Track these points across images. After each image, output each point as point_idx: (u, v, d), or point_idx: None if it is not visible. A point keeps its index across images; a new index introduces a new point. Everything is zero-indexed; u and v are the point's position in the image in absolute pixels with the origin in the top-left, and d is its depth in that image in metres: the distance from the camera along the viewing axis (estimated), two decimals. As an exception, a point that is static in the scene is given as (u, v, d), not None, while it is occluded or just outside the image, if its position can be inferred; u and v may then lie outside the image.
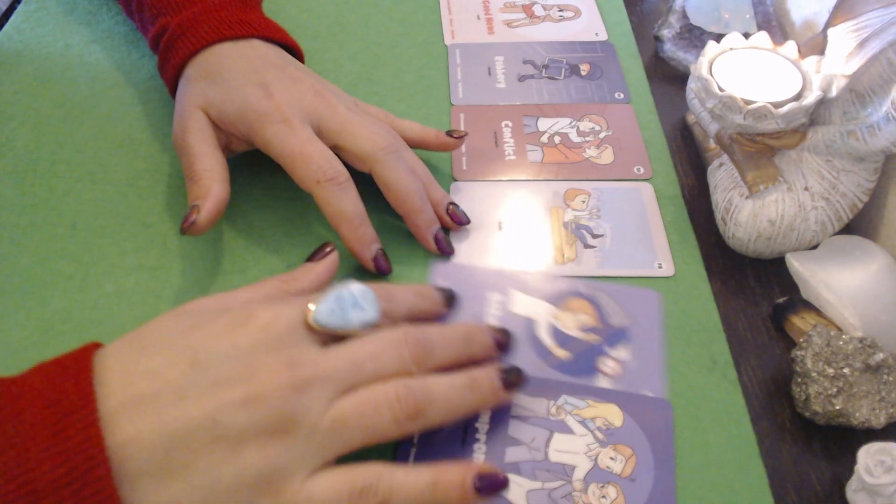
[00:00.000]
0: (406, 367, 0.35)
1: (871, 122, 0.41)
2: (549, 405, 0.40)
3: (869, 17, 0.43)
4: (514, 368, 0.38)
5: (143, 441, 0.29)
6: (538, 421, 0.39)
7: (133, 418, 0.30)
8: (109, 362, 0.32)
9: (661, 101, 0.58)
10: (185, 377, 0.31)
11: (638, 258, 0.47)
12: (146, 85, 0.57)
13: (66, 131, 0.53)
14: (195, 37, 0.47)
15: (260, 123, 0.45)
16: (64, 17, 0.62)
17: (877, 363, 0.39)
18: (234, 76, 0.46)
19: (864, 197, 0.45)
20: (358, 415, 0.33)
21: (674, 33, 0.60)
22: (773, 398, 0.42)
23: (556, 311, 0.44)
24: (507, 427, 0.39)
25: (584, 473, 0.37)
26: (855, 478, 0.37)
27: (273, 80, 0.46)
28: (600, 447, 0.38)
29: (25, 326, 0.42)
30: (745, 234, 0.46)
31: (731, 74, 0.45)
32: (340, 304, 0.35)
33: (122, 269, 0.45)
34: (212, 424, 0.30)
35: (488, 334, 0.40)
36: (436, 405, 0.34)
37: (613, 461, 0.38)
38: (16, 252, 0.46)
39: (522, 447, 0.38)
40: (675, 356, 0.43)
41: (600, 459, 0.38)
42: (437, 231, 0.46)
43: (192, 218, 0.42)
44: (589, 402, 0.40)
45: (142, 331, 0.34)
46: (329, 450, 0.33)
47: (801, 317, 0.44)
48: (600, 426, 0.39)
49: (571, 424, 0.39)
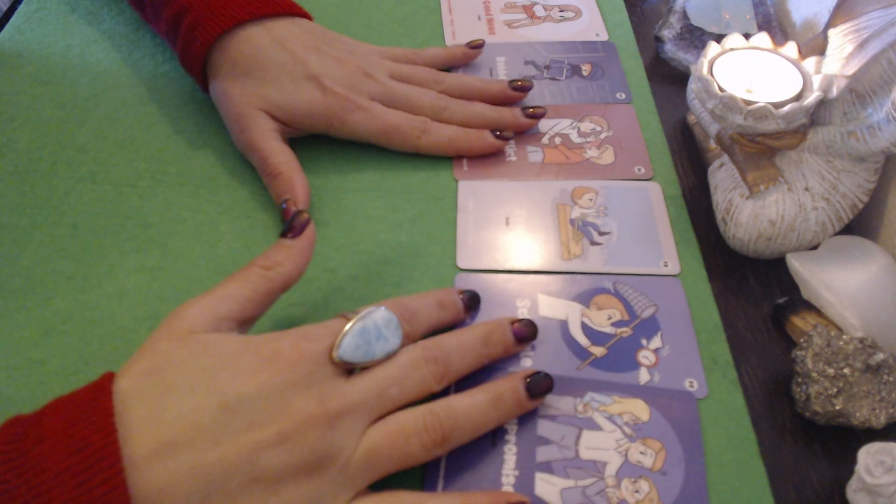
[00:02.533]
0: (428, 386, 0.36)
1: (871, 123, 0.41)
2: (576, 403, 0.40)
3: (869, 18, 0.43)
4: (540, 375, 0.38)
5: (181, 488, 0.29)
6: (566, 419, 0.39)
7: (168, 465, 0.29)
8: (132, 404, 0.31)
9: (662, 101, 0.58)
10: (217, 421, 0.31)
11: (644, 256, 0.47)
12: (148, 85, 0.57)
13: (67, 132, 0.53)
14: (224, 16, 0.48)
15: (337, 119, 0.49)
16: (65, 17, 0.62)
17: (877, 363, 0.39)
18: (279, 71, 0.48)
19: (865, 197, 0.45)
20: (389, 446, 0.34)
21: (674, 34, 0.60)
22: (773, 398, 0.42)
23: (585, 310, 0.44)
24: (536, 427, 0.39)
25: (615, 469, 0.37)
26: (855, 478, 0.37)
27: (320, 69, 0.49)
28: (629, 442, 0.38)
29: (26, 327, 0.43)
30: (745, 235, 0.46)
31: (732, 75, 0.45)
32: (365, 337, 0.35)
33: (123, 269, 0.45)
34: (249, 467, 0.30)
35: (507, 331, 0.40)
36: (461, 428, 0.35)
37: (644, 455, 0.38)
38: (16, 252, 0.46)
39: (553, 446, 0.38)
40: (676, 356, 0.43)
41: (630, 454, 0.38)
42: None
43: (297, 219, 0.40)
44: (615, 398, 0.40)
45: (159, 364, 0.32)
46: (363, 479, 0.33)
47: (801, 317, 0.44)
48: (627, 421, 0.39)
49: (599, 421, 0.39)
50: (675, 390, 0.41)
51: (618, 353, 0.42)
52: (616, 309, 0.44)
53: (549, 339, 0.43)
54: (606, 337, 0.43)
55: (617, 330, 0.43)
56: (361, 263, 0.46)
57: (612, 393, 0.40)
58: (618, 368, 0.41)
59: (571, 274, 0.46)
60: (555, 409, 0.40)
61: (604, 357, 0.42)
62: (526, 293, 0.45)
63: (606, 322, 0.44)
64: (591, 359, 0.42)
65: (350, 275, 0.46)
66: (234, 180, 0.51)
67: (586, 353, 0.42)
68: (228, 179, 0.51)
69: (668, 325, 0.43)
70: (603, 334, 0.43)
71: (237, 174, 0.51)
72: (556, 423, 0.39)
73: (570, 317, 0.44)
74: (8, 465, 0.28)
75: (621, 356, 0.42)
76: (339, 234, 0.48)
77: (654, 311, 0.44)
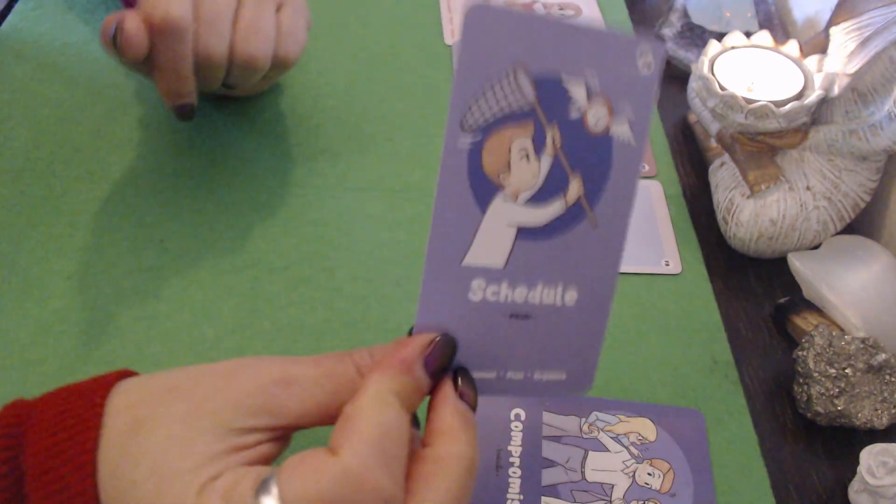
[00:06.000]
0: None
1: (873, 122, 0.41)
2: (581, 423, 0.39)
3: (871, 16, 0.43)
4: None
5: None
6: (571, 440, 0.38)
7: None
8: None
9: (662, 100, 0.58)
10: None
11: (645, 255, 0.47)
12: (145, 84, 0.57)
13: (64, 130, 0.53)
14: None
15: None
16: (62, 15, 0.62)
17: (879, 364, 0.39)
18: None
19: (867, 196, 0.45)
20: None
21: (675, 32, 0.60)
22: (774, 399, 0.41)
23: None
24: (541, 449, 0.38)
25: (623, 492, 0.37)
26: (857, 479, 0.36)
27: None
28: (636, 463, 0.38)
29: (24, 326, 0.42)
30: (746, 234, 0.45)
31: (733, 73, 0.45)
32: None
33: (121, 269, 0.45)
34: None
35: None
36: None
37: (651, 477, 0.37)
38: (14, 252, 0.46)
39: (558, 468, 0.37)
40: (676, 356, 0.43)
41: (638, 476, 0.37)
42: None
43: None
44: (620, 417, 0.39)
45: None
46: None
47: (802, 317, 0.44)
48: (634, 441, 0.38)
49: (605, 441, 0.39)
50: (682, 409, 0.40)
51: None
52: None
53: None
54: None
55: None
56: (361, 263, 0.46)
57: (617, 412, 0.40)
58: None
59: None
60: (559, 430, 0.39)
61: None
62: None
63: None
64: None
65: (350, 275, 0.46)
66: (231, 179, 0.50)
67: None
68: (226, 179, 0.50)
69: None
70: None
71: (235, 173, 0.51)
72: (562, 445, 0.38)
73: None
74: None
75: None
76: (339, 234, 0.48)
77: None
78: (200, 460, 0.26)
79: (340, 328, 0.43)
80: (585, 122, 0.27)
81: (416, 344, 0.28)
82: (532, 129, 0.27)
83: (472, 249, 0.27)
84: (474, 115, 0.26)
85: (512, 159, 0.27)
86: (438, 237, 0.27)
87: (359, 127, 0.54)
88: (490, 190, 0.27)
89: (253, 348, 0.42)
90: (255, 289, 0.45)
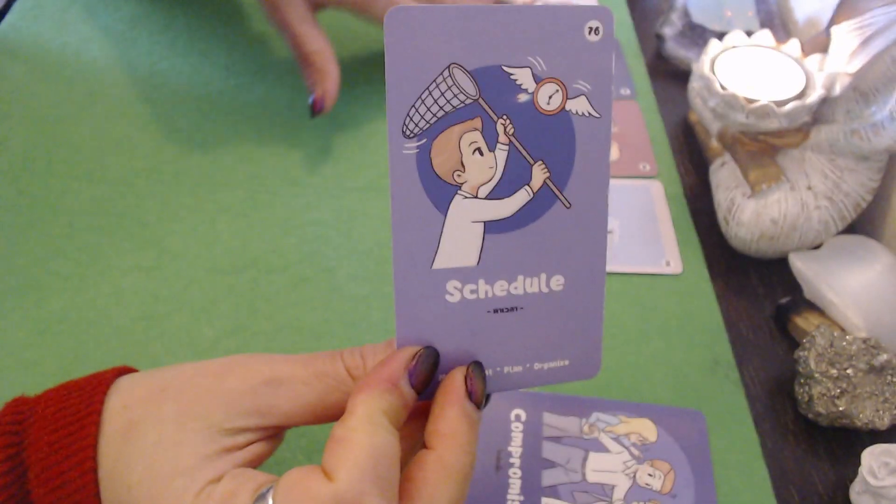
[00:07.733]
0: None
1: (874, 121, 0.41)
2: (582, 423, 0.39)
3: (873, 15, 0.42)
4: None
5: None
6: (572, 441, 0.38)
7: None
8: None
9: (663, 99, 0.58)
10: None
11: (646, 255, 0.47)
12: (144, 83, 0.57)
13: (63, 130, 0.53)
14: None
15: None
16: (61, 14, 0.62)
17: (881, 364, 0.38)
18: None
19: (868, 196, 0.45)
20: None
21: (676, 31, 0.60)
22: (775, 399, 0.41)
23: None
24: (541, 450, 0.38)
25: (623, 493, 0.37)
26: (859, 480, 0.36)
27: None
28: (637, 464, 0.38)
29: (22, 327, 0.42)
30: (747, 234, 0.45)
31: (734, 73, 0.45)
32: None
33: (119, 269, 0.45)
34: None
35: None
36: None
37: (652, 478, 0.37)
38: (12, 252, 0.46)
39: (558, 469, 0.37)
40: (677, 357, 0.42)
41: (639, 476, 0.37)
42: None
43: (321, 104, 0.48)
44: (621, 417, 0.39)
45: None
46: None
47: (804, 317, 0.44)
48: (635, 442, 0.38)
49: (606, 442, 0.38)
50: (683, 409, 0.40)
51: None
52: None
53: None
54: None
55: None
56: (361, 263, 0.46)
57: (618, 413, 0.40)
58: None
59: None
60: (560, 431, 0.39)
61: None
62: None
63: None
64: None
65: (350, 274, 0.45)
66: (231, 179, 0.50)
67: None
68: (225, 178, 0.50)
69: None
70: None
71: (234, 173, 0.51)
72: (562, 445, 0.38)
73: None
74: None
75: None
76: (339, 234, 0.47)
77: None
78: (193, 462, 0.26)
79: (340, 328, 0.43)
80: (536, 104, 0.26)
81: (400, 359, 0.27)
82: (480, 122, 0.26)
83: (441, 252, 0.27)
84: (415, 120, 0.25)
85: (464, 156, 0.26)
86: (402, 246, 0.27)
87: (359, 127, 0.54)
88: (446, 190, 0.26)
89: (253, 348, 0.42)
90: (255, 289, 0.45)
